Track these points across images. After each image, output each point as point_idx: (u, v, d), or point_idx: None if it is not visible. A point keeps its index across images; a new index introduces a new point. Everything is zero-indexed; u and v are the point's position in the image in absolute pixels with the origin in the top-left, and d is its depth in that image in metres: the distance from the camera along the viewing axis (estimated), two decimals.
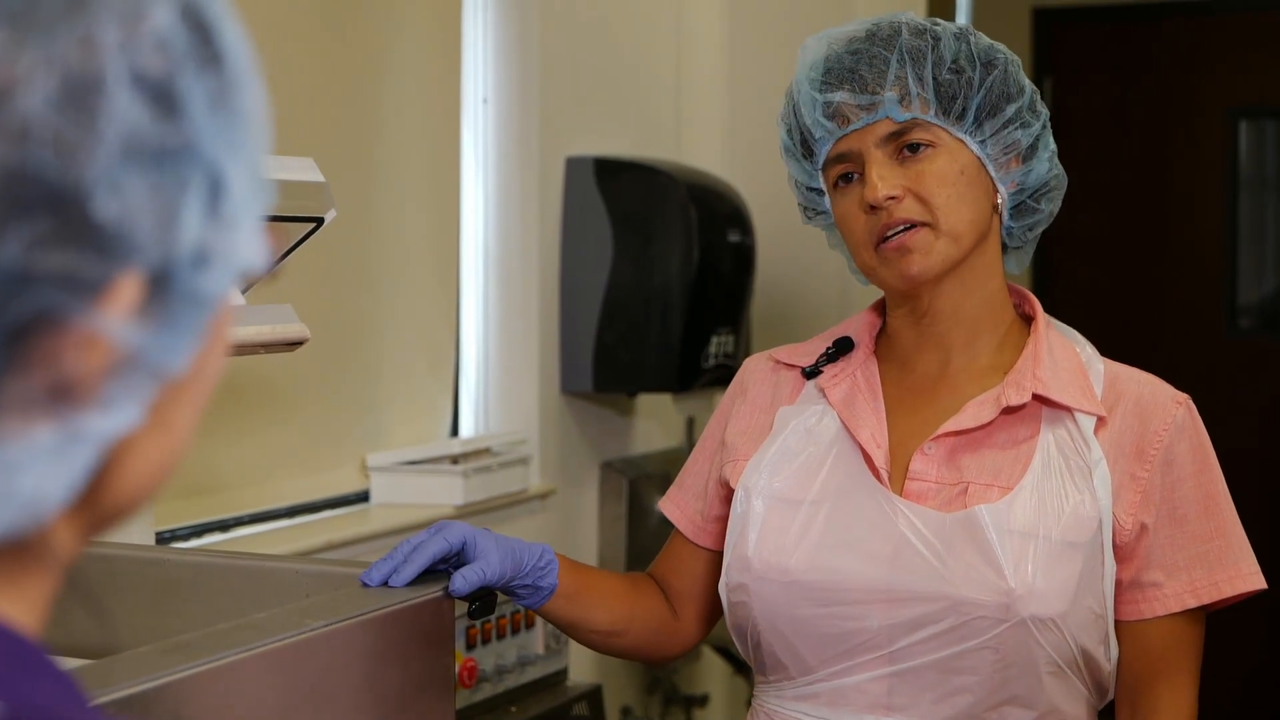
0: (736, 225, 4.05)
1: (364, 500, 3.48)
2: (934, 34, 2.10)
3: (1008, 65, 2.12)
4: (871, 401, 2.16)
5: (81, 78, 0.77)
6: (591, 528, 4.09)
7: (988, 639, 2.00)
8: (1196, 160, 6.95)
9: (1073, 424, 2.08)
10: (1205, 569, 2.09)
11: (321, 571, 2.03)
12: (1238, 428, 6.71)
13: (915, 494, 2.08)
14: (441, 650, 1.94)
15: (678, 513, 2.34)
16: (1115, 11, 7.09)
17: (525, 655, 3.42)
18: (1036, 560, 2.00)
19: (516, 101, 3.83)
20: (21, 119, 0.75)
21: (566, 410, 3.98)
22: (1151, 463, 2.08)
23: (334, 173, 2.16)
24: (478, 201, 3.83)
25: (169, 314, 0.81)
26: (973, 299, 2.14)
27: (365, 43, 3.42)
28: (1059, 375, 2.11)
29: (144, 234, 0.79)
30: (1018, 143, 2.11)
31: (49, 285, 0.76)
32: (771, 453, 2.17)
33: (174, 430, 0.87)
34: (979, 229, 2.10)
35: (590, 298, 3.90)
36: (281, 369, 3.13)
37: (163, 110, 0.80)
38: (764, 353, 2.33)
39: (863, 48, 2.10)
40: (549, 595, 2.16)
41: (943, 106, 2.08)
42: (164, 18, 0.80)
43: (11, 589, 0.85)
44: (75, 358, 0.78)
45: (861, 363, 2.21)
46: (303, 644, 1.68)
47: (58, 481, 0.80)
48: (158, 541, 2.84)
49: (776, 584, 2.09)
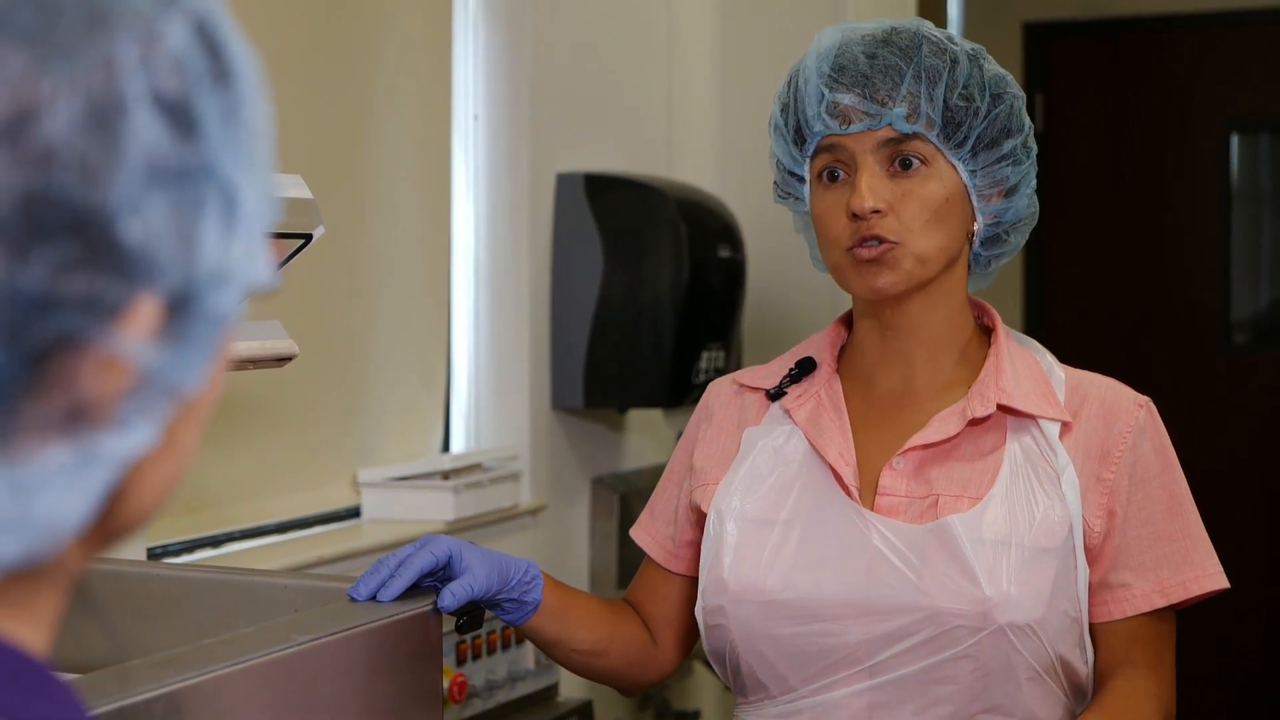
0: (727, 241, 4.05)
1: (355, 516, 3.48)
2: (952, 54, 2.10)
3: (1014, 100, 2.13)
4: (837, 419, 2.18)
5: (104, 99, 0.76)
6: (583, 543, 4.09)
7: (966, 648, 2.01)
8: (1190, 174, 6.96)
9: (1038, 431, 2.11)
10: (1173, 569, 2.12)
11: (310, 586, 2.04)
12: (1231, 442, 6.72)
13: (886, 509, 2.10)
14: (429, 665, 1.94)
15: (649, 540, 2.35)
16: (1107, 25, 7.10)
17: (516, 671, 3.42)
18: (1011, 568, 2.02)
19: (507, 117, 3.83)
20: (45, 142, 0.75)
21: (557, 426, 3.98)
22: (1117, 465, 2.11)
23: (324, 189, 2.16)
24: (469, 217, 3.83)
25: (186, 334, 0.82)
26: (936, 316, 2.16)
27: (356, 58, 3.42)
28: (1021, 384, 2.13)
29: (166, 255, 0.79)
30: (1006, 178, 2.13)
31: (72, 309, 0.76)
32: (741, 475, 2.18)
33: (180, 448, 0.87)
34: (949, 254, 2.12)
35: (581, 313, 3.90)
36: (272, 385, 3.13)
37: (181, 130, 0.80)
38: (727, 376, 2.34)
39: (880, 53, 2.09)
40: (533, 610, 2.16)
41: (946, 130, 2.08)
42: (179, 37, 0.80)
43: (22, 610, 0.85)
44: (94, 379, 0.78)
45: (825, 381, 2.22)
46: (291, 658, 1.68)
47: (74, 504, 0.80)
48: (149, 557, 2.84)
49: (753, 604, 2.10)
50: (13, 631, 0.84)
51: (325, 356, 3.34)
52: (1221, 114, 6.91)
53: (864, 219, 2.07)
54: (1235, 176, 6.97)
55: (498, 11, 3.83)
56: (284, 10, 3.20)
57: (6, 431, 0.76)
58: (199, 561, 2.99)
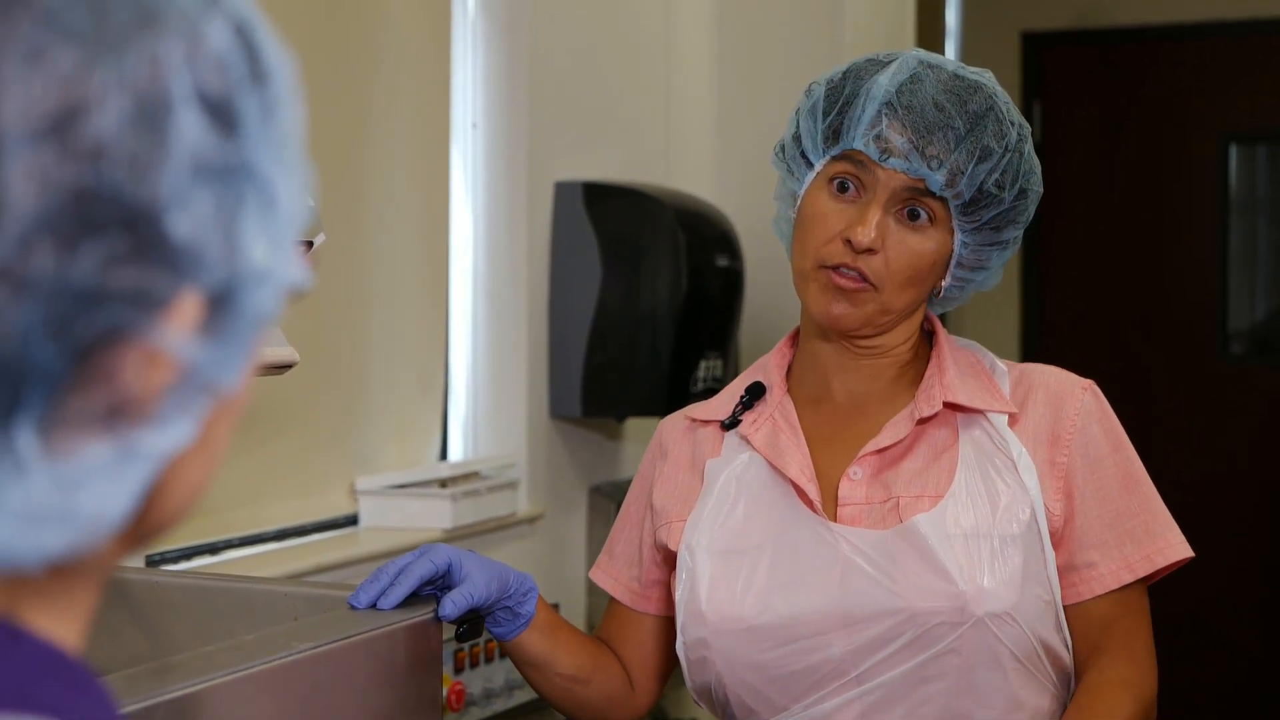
0: (725, 249, 4.05)
1: (353, 524, 3.47)
2: (1009, 141, 2.09)
3: (1033, 197, 2.16)
4: (793, 437, 2.18)
5: (151, 97, 0.78)
6: (580, 552, 4.08)
7: (949, 643, 2.02)
8: (1187, 184, 6.96)
9: (988, 424, 2.13)
10: (1135, 543, 2.14)
11: (310, 594, 2.04)
12: (1228, 451, 6.72)
13: (849, 518, 2.11)
14: (430, 673, 1.94)
15: (612, 582, 2.34)
16: (1105, 35, 7.10)
17: (513, 679, 3.42)
18: (981, 559, 2.03)
19: (505, 126, 3.83)
20: (95, 138, 0.76)
21: (555, 434, 3.98)
22: (1068, 448, 2.13)
23: (324, 196, 2.16)
24: (467, 225, 3.83)
25: (226, 331, 0.83)
26: (893, 340, 2.19)
27: (354, 66, 3.42)
28: (966, 382, 2.16)
29: (211, 250, 0.80)
30: (988, 259, 2.16)
31: (120, 302, 0.77)
32: (709, 508, 2.18)
33: (214, 447, 0.88)
34: (913, 306, 2.16)
35: (579, 322, 3.90)
36: (270, 392, 3.13)
37: (224, 128, 0.81)
38: (679, 412, 2.34)
39: (949, 108, 2.07)
40: (526, 623, 2.17)
41: (969, 207, 2.09)
42: (221, 38, 0.82)
43: (60, 606, 0.86)
44: (137, 374, 0.79)
45: (778, 403, 2.23)
46: (291, 666, 1.68)
47: (115, 499, 0.81)
48: (148, 563, 2.84)
49: (734, 633, 2.10)
50: (50, 628, 0.85)
51: (323, 363, 3.34)
52: (1220, 124, 6.91)
53: (857, 250, 2.07)
54: (1233, 186, 6.97)
55: (496, 20, 3.83)
56: (282, 18, 3.20)
57: (51, 425, 0.77)
58: (197, 568, 2.99)
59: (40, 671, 0.82)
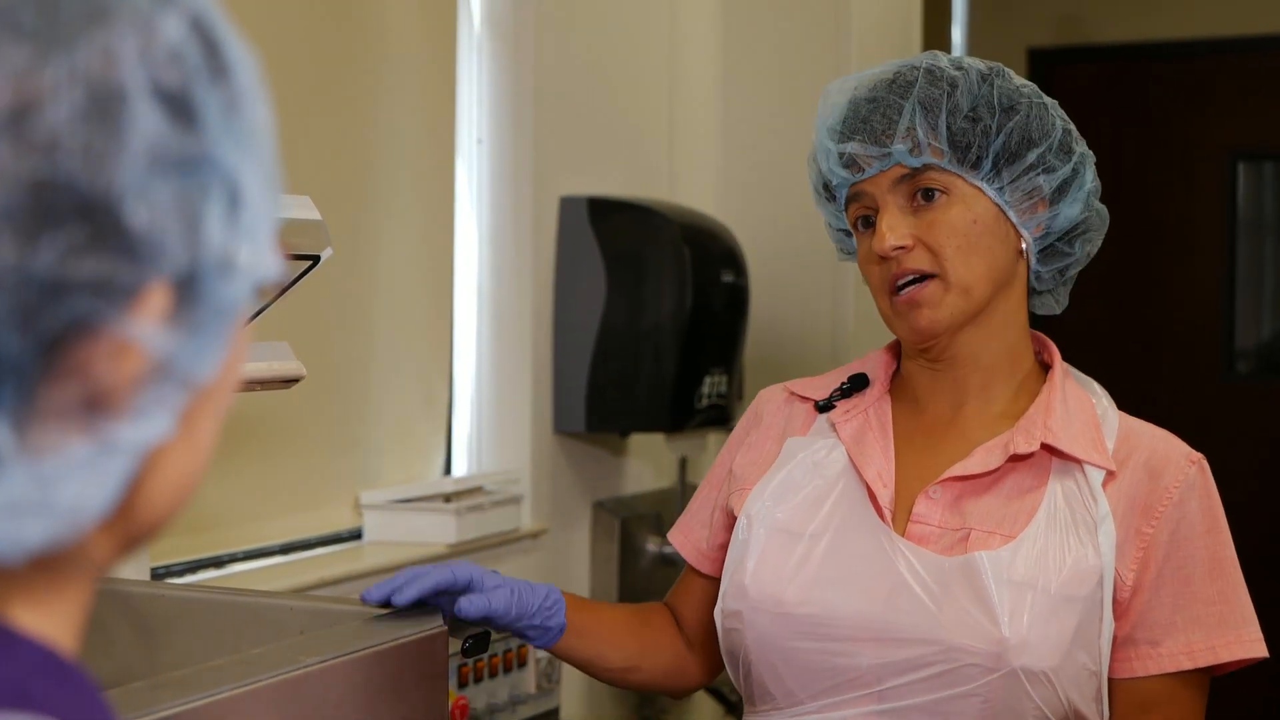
0: (730, 265, 4.05)
1: (357, 538, 3.47)
2: (951, 80, 2.07)
3: (1031, 109, 2.09)
4: (881, 440, 2.15)
5: (104, 89, 0.79)
6: (583, 567, 4.08)
7: (977, 686, 1.98)
8: (1194, 203, 6.96)
9: (1081, 476, 2.05)
10: (1204, 632, 2.04)
11: (316, 608, 2.03)
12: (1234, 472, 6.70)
13: (917, 536, 2.07)
14: (435, 688, 1.93)
15: (684, 540, 2.34)
16: (1112, 52, 7.10)
17: (517, 694, 3.41)
18: (1033, 611, 1.97)
19: (511, 142, 3.83)
20: (50, 131, 0.77)
21: (559, 450, 3.97)
22: (1159, 520, 2.04)
23: (328, 212, 2.16)
24: (472, 241, 3.83)
25: (197, 321, 0.83)
26: (991, 346, 2.13)
27: (360, 83, 3.43)
28: (1071, 426, 2.08)
29: (173, 240, 0.81)
30: (1040, 188, 2.08)
31: (84, 293, 0.78)
32: (776, 482, 2.16)
33: (198, 441, 0.89)
34: (995, 279, 2.08)
35: (583, 337, 3.90)
36: (276, 406, 3.13)
37: (181, 120, 0.82)
38: (780, 384, 2.32)
39: (880, 95, 2.08)
40: (559, 634, 2.17)
41: (957, 155, 2.05)
42: (175, 31, 0.83)
43: (48, 603, 0.86)
44: (108, 366, 0.80)
45: (875, 400, 2.20)
46: (297, 680, 1.68)
47: (95, 493, 0.81)
48: (152, 577, 2.84)
49: (770, 614, 2.09)
50: (38, 626, 0.85)
51: (328, 378, 3.34)
52: (1228, 142, 6.91)
53: (891, 259, 2.07)
54: (1241, 205, 6.96)
55: (502, 36, 3.83)
56: (286, 33, 3.20)
57: (25, 420, 0.78)
58: (202, 582, 2.99)
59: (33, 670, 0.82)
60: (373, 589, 1.99)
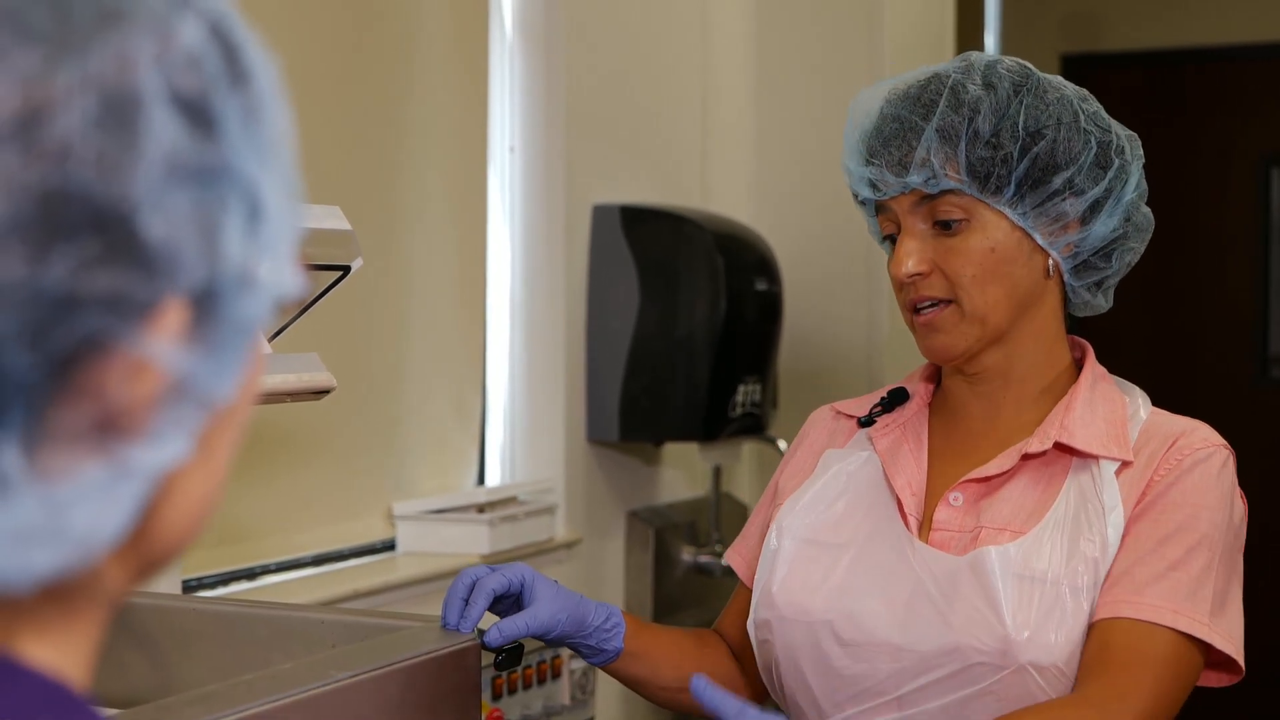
0: (763, 273, 4.04)
1: (390, 549, 3.47)
2: (973, 104, 2.03)
3: (1059, 131, 2.04)
4: (915, 450, 2.16)
5: (119, 95, 0.75)
6: (617, 577, 4.07)
7: (989, 685, 1.96)
8: (1228, 207, 6.93)
9: (1096, 470, 2.04)
10: (1165, 594, 1.95)
11: (347, 621, 2.03)
12: (1268, 476, 6.68)
13: (939, 542, 2.07)
14: (469, 701, 1.93)
15: (740, 561, 2.34)
16: (1145, 57, 7.08)
17: (551, 706, 3.40)
18: (1039, 606, 1.96)
19: (543, 150, 3.83)
20: (61, 139, 0.74)
21: (592, 459, 3.96)
22: (1155, 486, 2.01)
23: (360, 221, 2.15)
24: (504, 249, 3.82)
25: (215, 339, 0.80)
26: (1023, 360, 2.12)
27: (392, 91, 3.42)
28: (1092, 424, 2.07)
29: (190, 254, 0.77)
30: (1066, 213, 2.05)
31: (97, 308, 0.74)
32: (810, 495, 2.18)
33: (216, 463, 0.85)
34: (1017, 302, 2.07)
35: (617, 346, 3.89)
36: (307, 417, 3.12)
37: (200, 129, 0.78)
38: (828, 405, 2.33)
39: (904, 115, 2.05)
40: (614, 657, 2.17)
41: (977, 182, 2.02)
42: (193, 35, 0.79)
43: (57, 634, 0.83)
44: (122, 386, 0.76)
45: (913, 414, 2.21)
46: (329, 695, 1.67)
47: (108, 519, 0.78)
48: (184, 590, 2.84)
49: (798, 624, 2.09)
50: (46, 659, 0.82)
51: (360, 389, 3.33)
52: (1260, 147, 6.89)
53: (907, 284, 2.06)
54: (1274, 210, 6.94)
55: (534, 44, 3.83)
56: (318, 42, 3.20)
57: (36, 441, 0.74)
58: (233, 594, 2.99)
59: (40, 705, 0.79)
60: (449, 612, 2.00)
